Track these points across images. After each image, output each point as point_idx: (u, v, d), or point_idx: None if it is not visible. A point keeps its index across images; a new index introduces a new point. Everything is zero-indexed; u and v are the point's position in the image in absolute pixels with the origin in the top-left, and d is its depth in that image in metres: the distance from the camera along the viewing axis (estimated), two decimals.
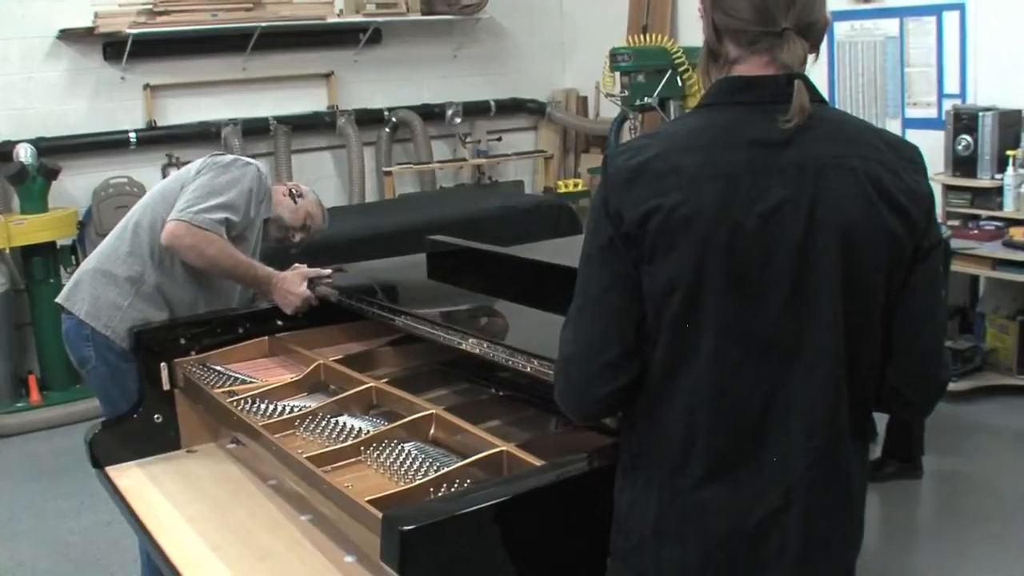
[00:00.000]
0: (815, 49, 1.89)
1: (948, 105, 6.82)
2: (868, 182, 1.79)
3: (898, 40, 7.15)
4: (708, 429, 1.84)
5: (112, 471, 3.44)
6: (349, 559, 2.65)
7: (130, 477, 3.40)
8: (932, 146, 6.30)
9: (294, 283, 3.73)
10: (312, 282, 3.75)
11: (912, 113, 7.15)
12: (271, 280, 3.74)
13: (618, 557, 2.01)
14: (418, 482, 2.46)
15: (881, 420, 5.26)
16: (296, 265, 3.84)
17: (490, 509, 2.03)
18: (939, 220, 6.12)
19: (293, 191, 4.09)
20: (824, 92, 1.89)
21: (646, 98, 7.60)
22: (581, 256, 1.94)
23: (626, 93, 7.74)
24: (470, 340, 2.88)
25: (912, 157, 1.88)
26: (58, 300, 3.84)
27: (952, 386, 6.08)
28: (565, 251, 2.33)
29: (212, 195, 3.66)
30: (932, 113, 7.03)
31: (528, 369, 2.60)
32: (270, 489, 3.14)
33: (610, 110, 8.83)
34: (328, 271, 3.84)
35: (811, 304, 1.80)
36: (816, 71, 1.91)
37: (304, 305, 3.74)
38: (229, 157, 3.89)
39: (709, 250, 1.78)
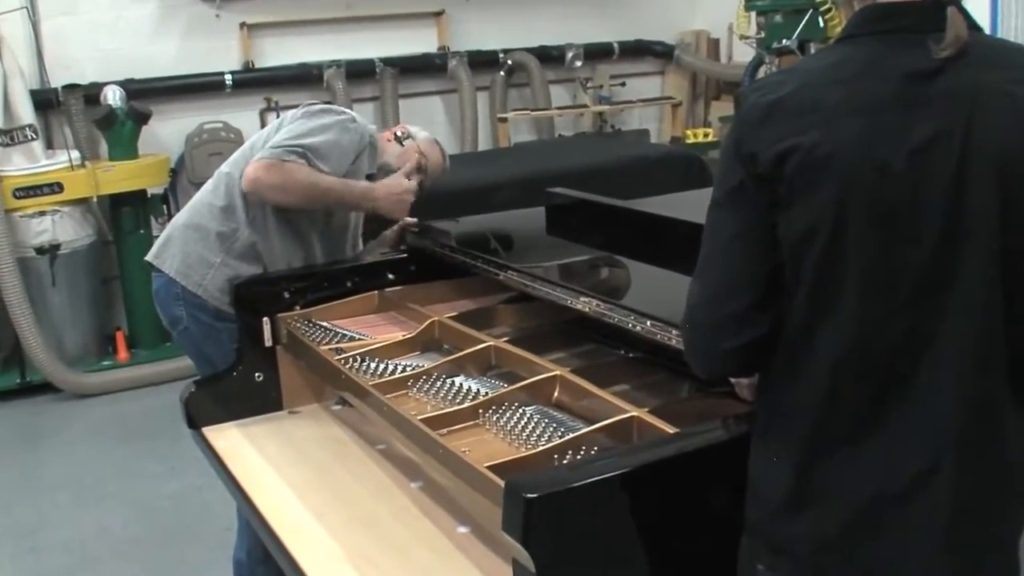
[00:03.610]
0: None
1: None
2: None
3: None
4: (852, 384, 1.84)
5: (209, 432, 3.50)
6: (462, 530, 2.69)
7: (228, 439, 3.46)
8: None
9: (398, 185, 3.79)
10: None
11: None
12: (373, 191, 3.77)
13: (751, 530, 2.01)
14: (541, 448, 2.47)
15: None
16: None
17: (620, 478, 2.03)
18: None
19: (399, 133, 4.06)
20: (985, 27, 1.85)
21: (784, 40, 7.48)
22: (710, 202, 1.95)
23: (762, 35, 7.66)
24: (582, 299, 2.90)
25: None
26: (148, 258, 3.86)
27: None
28: (694, 206, 2.31)
29: (295, 140, 3.63)
30: None
31: (639, 329, 2.63)
32: (378, 453, 3.19)
33: (744, 53, 8.74)
34: (424, 159, 3.91)
35: (965, 246, 1.77)
36: (978, 2, 1.87)
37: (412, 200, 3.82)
38: (321, 106, 3.86)
39: (852, 192, 1.76)
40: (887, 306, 1.80)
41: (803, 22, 7.48)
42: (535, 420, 2.67)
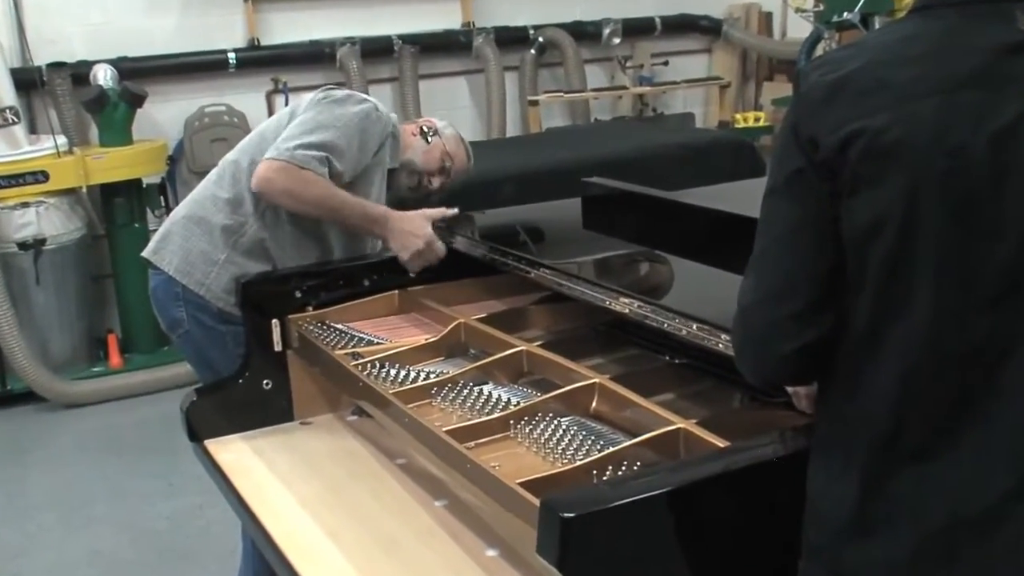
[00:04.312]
0: None
1: None
2: None
3: None
4: (925, 394, 1.82)
5: (212, 445, 3.52)
6: (491, 552, 2.69)
7: (233, 452, 3.48)
8: None
9: (417, 223, 3.71)
10: (439, 230, 3.73)
11: None
12: (387, 220, 3.72)
13: (810, 555, 2.00)
14: (578, 463, 2.47)
15: None
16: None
17: (666, 496, 2.03)
18: None
19: (425, 128, 4.05)
20: None
21: (845, 13, 7.45)
22: (765, 190, 1.94)
23: (820, 7, 7.64)
24: (622, 299, 2.90)
25: None
26: (144, 255, 3.88)
27: None
28: (744, 196, 2.33)
29: (313, 132, 3.63)
30: None
31: (685, 333, 2.62)
32: (398, 468, 3.20)
33: (800, 29, 8.72)
34: (455, 210, 3.83)
35: None
36: None
37: (429, 253, 3.71)
38: (343, 92, 3.85)
39: (925, 181, 1.75)
40: (965, 307, 1.78)
41: None
42: (571, 432, 2.68)
